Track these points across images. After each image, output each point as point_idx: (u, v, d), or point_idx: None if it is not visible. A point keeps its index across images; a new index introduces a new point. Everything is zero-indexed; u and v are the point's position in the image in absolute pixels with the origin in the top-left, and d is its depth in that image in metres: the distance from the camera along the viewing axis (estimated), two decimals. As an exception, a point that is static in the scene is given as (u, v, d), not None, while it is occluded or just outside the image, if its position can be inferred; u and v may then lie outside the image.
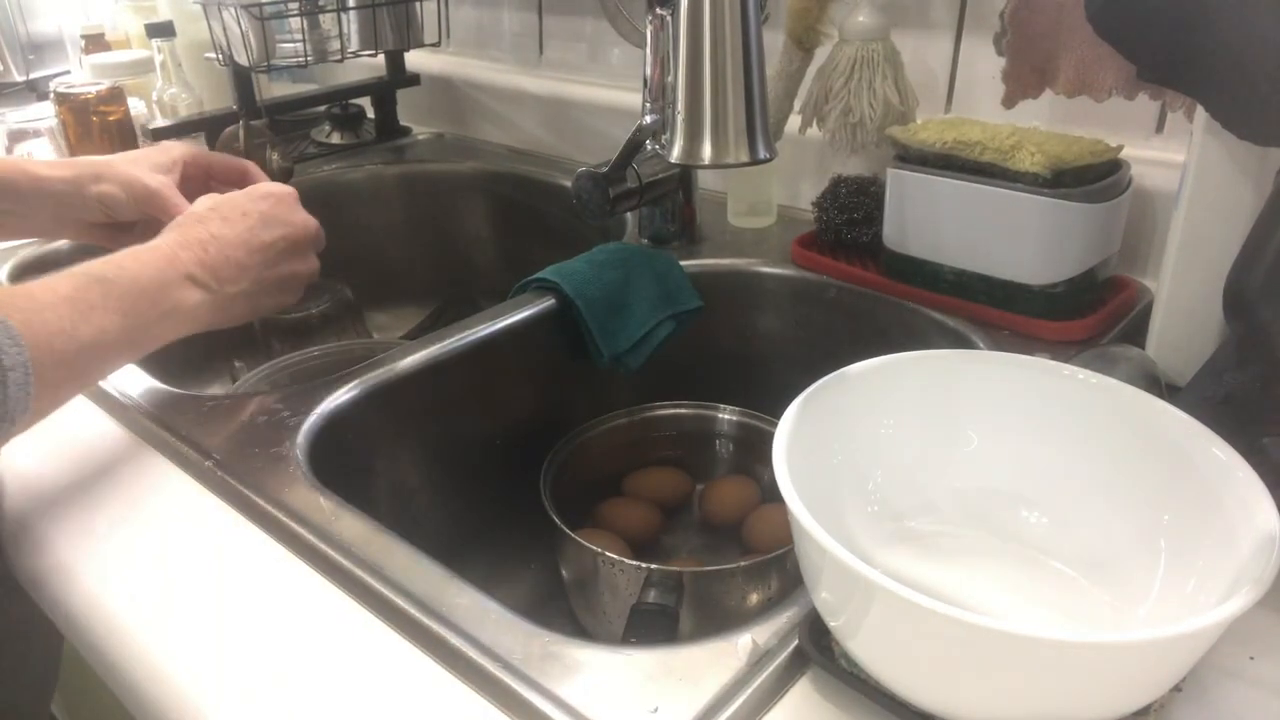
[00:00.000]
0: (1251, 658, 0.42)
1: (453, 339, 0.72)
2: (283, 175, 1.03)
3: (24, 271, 0.88)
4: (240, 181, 0.75)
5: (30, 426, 0.50)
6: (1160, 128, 0.76)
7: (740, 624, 0.44)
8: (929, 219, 0.72)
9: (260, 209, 0.64)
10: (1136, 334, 0.66)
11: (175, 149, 0.74)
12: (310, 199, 1.11)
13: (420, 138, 1.29)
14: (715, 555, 0.75)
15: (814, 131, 0.83)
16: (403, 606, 0.45)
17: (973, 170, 0.69)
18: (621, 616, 0.60)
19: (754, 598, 0.61)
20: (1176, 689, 0.40)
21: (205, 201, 0.65)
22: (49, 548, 0.53)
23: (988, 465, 0.49)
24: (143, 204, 0.70)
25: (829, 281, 0.80)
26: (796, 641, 0.42)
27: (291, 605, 0.47)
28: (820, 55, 0.80)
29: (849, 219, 0.80)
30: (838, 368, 0.48)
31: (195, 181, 0.75)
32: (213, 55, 1.08)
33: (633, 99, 1.04)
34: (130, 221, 0.71)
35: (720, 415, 0.80)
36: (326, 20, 1.09)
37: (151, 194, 0.69)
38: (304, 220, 0.68)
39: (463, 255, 1.18)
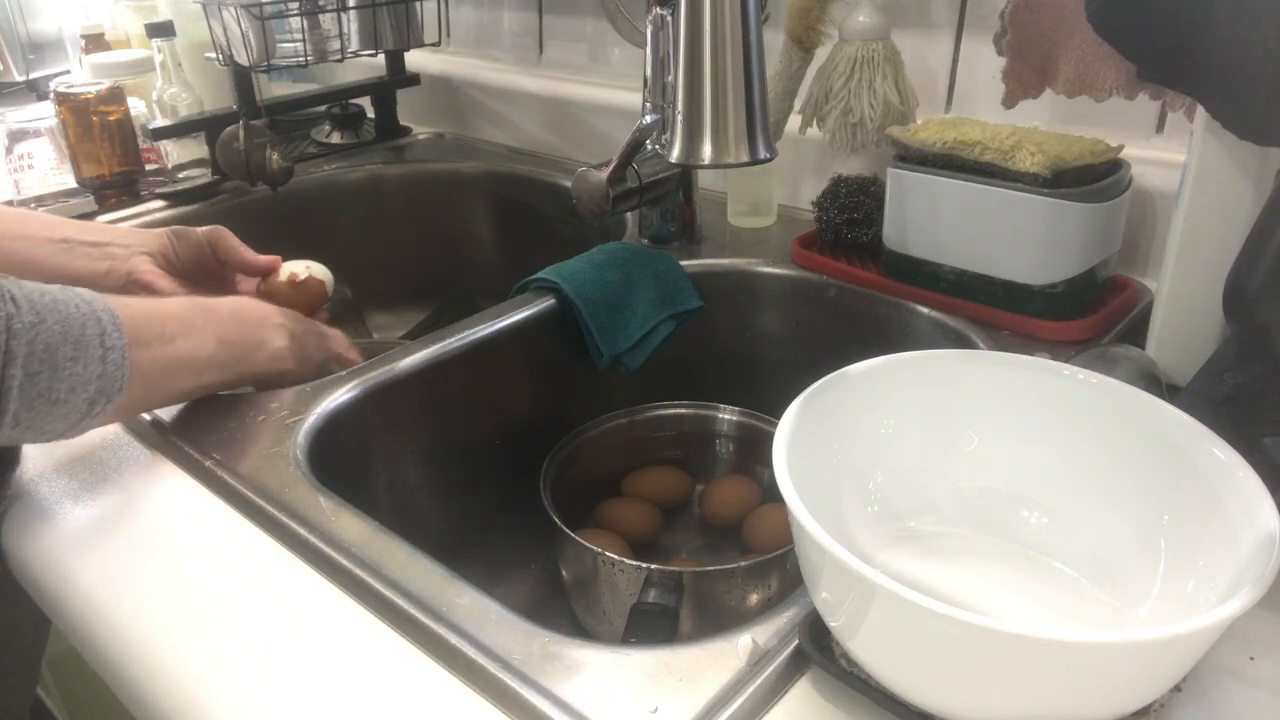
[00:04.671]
0: (1251, 658, 0.42)
1: (453, 339, 0.72)
2: (283, 175, 1.03)
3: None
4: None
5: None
6: (1160, 128, 0.76)
7: (740, 624, 0.44)
8: (929, 219, 0.72)
9: (325, 347, 0.72)
10: (1136, 334, 0.66)
11: None
12: (310, 199, 1.13)
13: (420, 138, 1.29)
14: (715, 555, 0.75)
15: (814, 131, 0.83)
16: (403, 606, 0.45)
17: (973, 170, 0.69)
18: (621, 616, 0.60)
19: (754, 598, 0.61)
20: (1176, 689, 0.40)
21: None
22: (48, 547, 0.53)
23: (988, 465, 0.49)
24: (212, 239, 0.78)
25: (829, 281, 0.80)
26: (796, 641, 0.42)
27: (291, 605, 0.47)
28: (820, 55, 0.80)
29: (849, 219, 0.80)
30: (838, 368, 0.48)
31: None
32: (213, 55, 1.08)
33: (633, 99, 1.04)
34: (184, 268, 0.77)
35: (720, 415, 0.80)
36: (326, 20, 1.09)
37: (219, 227, 0.78)
38: (353, 354, 0.74)
39: (463, 255, 1.18)
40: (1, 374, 0.47)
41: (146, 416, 0.62)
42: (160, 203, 1.04)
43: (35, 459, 0.60)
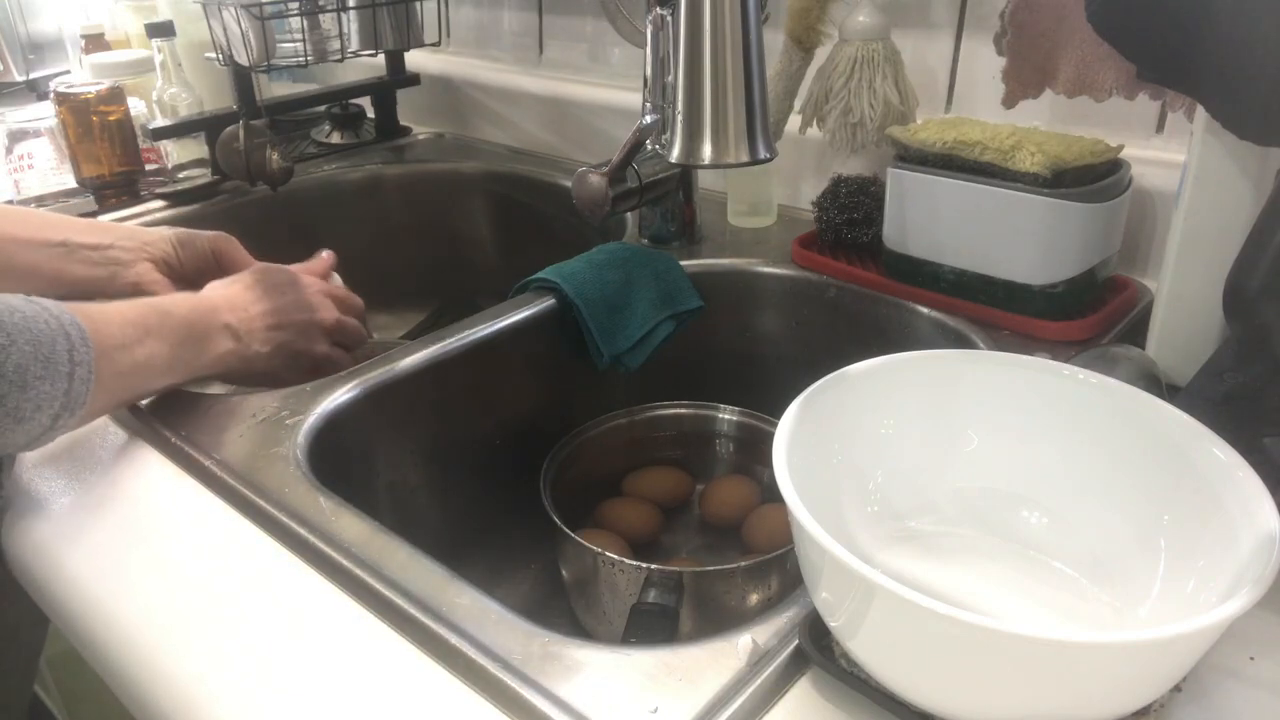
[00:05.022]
0: (1251, 658, 0.42)
1: (453, 339, 0.72)
2: (283, 175, 1.03)
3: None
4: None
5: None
6: (1160, 128, 0.76)
7: (740, 624, 0.44)
8: (929, 219, 0.72)
9: (291, 298, 0.72)
10: (1136, 334, 0.66)
11: None
12: (310, 199, 1.13)
13: (420, 138, 1.29)
14: (715, 555, 0.75)
15: (814, 131, 0.83)
16: (403, 606, 0.45)
17: (973, 170, 0.69)
18: (621, 616, 0.60)
19: (754, 598, 0.61)
20: (1176, 689, 0.40)
21: (257, 275, 0.73)
22: (48, 547, 0.53)
23: (988, 465, 0.49)
24: (217, 248, 0.79)
25: (829, 281, 0.80)
26: (796, 641, 0.42)
27: (291, 605, 0.47)
28: (820, 55, 0.80)
29: (849, 219, 0.80)
30: (838, 368, 0.48)
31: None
32: (213, 55, 1.08)
33: (633, 99, 1.04)
34: (187, 276, 0.78)
35: (720, 415, 0.80)
36: (326, 20, 1.10)
37: (225, 235, 0.80)
38: (326, 313, 0.74)
39: (463, 255, 1.18)
40: None
41: (147, 416, 0.62)
42: (160, 203, 1.04)
43: (33, 458, 0.60)
